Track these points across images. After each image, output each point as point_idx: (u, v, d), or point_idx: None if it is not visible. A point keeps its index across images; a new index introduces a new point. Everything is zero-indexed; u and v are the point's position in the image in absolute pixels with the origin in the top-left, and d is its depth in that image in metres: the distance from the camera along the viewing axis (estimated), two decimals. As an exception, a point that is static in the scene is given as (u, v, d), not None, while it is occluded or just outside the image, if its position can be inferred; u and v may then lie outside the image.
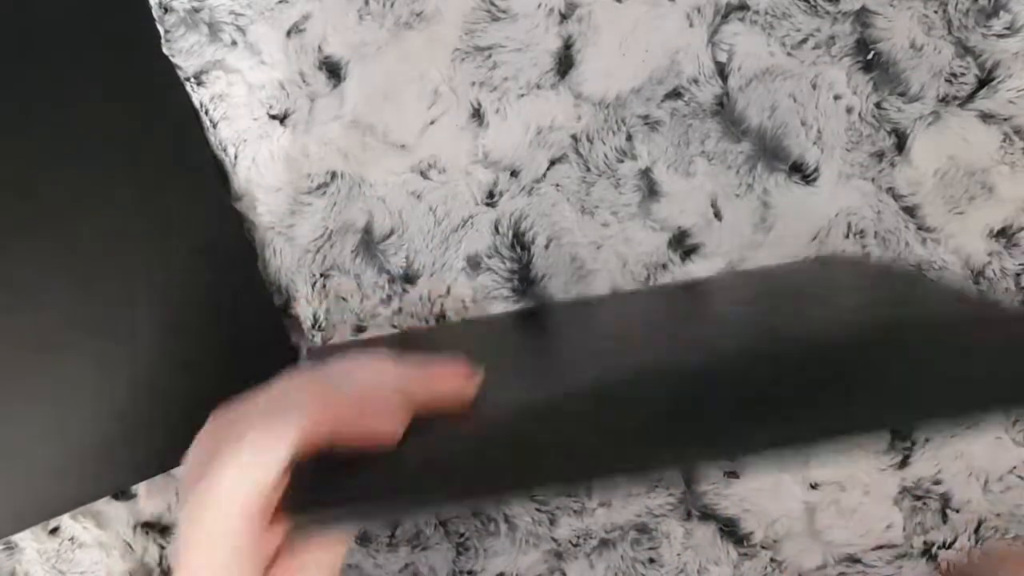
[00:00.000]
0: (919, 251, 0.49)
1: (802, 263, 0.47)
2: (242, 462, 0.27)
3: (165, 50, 0.49)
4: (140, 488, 0.51)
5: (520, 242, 0.50)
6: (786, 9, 0.48)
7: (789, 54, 0.48)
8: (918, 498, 0.50)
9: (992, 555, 0.49)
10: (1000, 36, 0.48)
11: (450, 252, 0.50)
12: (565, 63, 0.49)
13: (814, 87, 0.48)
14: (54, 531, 0.51)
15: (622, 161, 0.50)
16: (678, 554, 0.51)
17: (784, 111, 0.49)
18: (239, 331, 0.50)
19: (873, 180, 0.49)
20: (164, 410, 0.48)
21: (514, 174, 0.50)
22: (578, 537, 0.51)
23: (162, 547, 0.51)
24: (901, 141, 0.49)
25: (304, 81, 0.49)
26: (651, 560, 0.51)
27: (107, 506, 0.51)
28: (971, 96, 0.48)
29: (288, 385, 0.31)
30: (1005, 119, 0.48)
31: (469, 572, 0.51)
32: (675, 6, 0.48)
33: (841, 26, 0.48)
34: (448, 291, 0.50)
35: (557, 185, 0.50)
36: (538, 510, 0.51)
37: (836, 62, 0.48)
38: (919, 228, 0.49)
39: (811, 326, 0.35)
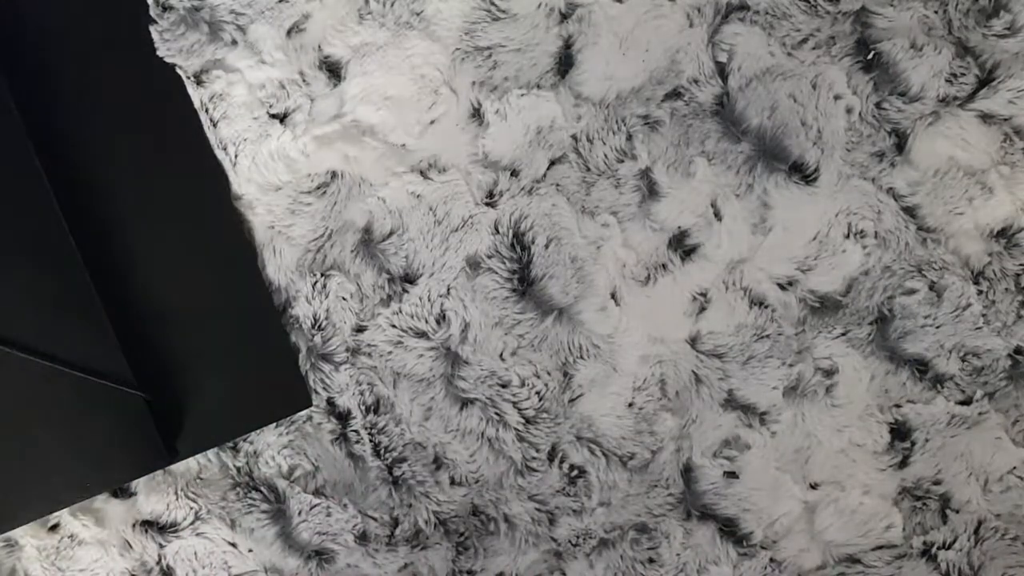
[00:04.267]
0: (919, 251, 0.49)
1: None
2: None
3: (160, 52, 0.49)
4: (139, 486, 0.51)
5: (520, 242, 0.50)
6: (786, 9, 0.48)
7: (789, 54, 0.48)
8: (918, 498, 0.50)
9: None
10: (1000, 36, 0.48)
11: (450, 252, 0.50)
12: (565, 63, 0.49)
13: (814, 87, 0.48)
14: (53, 528, 0.51)
15: (622, 161, 0.50)
16: (678, 554, 0.51)
17: (784, 111, 0.49)
18: (239, 331, 0.50)
19: (873, 180, 0.49)
20: (164, 408, 0.49)
21: (514, 174, 0.50)
22: (578, 537, 0.51)
23: (161, 545, 0.51)
24: (901, 141, 0.49)
25: (304, 81, 0.49)
26: (651, 560, 0.51)
27: (106, 504, 0.51)
28: (971, 96, 0.48)
29: None
30: (1005, 119, 0.48)
31: (469, 572, 0.51)
32: (675, 6, 0.49)
33: (841, 26, 0.48)
34: (448, 291, 0.50)
35: (557, 185, 0.50)
36: (538, 510, 0.51)
37: (836, 62, 0.48)
38: (919, 228, 0.49)
39: None
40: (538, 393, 0.50)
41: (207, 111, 0.50)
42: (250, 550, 0.52)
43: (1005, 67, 0.48)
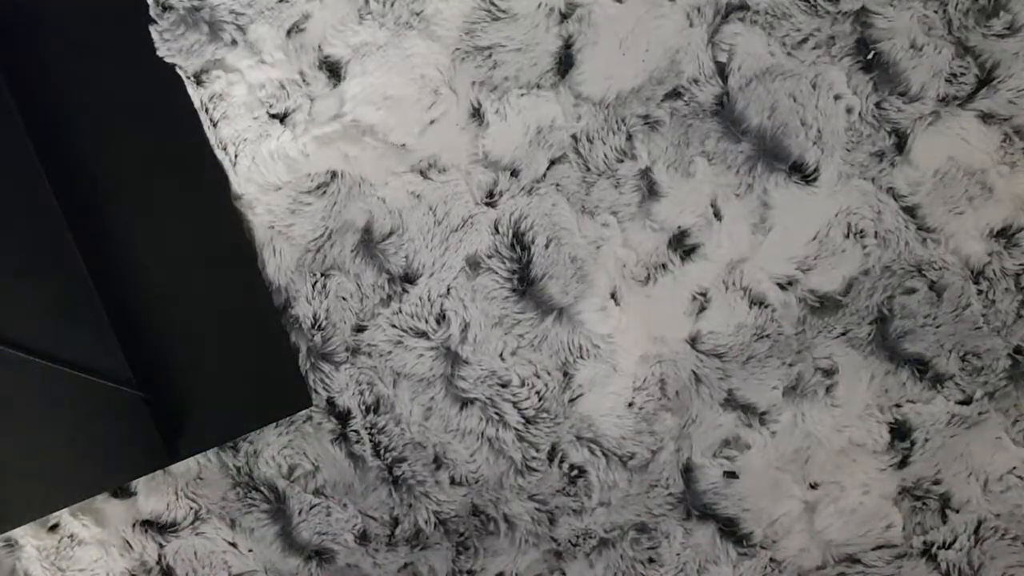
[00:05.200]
0: (919, 251, 0.49)
1: None
2: None
3: (160, 52, 0.49)
4: (139, 486, 0.51)
5: (520, 242, 0.50)
6: (786, 9, 0.48)
7: (789, 54, 0.48)
8: (918, 498, 0.50)
9: None
10: (1000, 36, 0.48)
11: (450, 252, 0.50)
12: (565, 63, 0.49)
13: (814, 87, 0.48)
14: (53, 528, 0.51)
15: (622, 161, 0.50)
16: (678, 554, 0.51)
17: (784, 111, 0.49)
18: (239, 331, 0.50)
19: (873, 180, 0.49)
20: (164, 408, 0.49)
21: (514, 174, 0.50)
22: (578, 537, 0.51)
23: (161, 545, 0.51)
24: (901, 141, 0.49)
25: (304, 81, 0.49)
26: (651, 560, 0.51)
27: (106, 504, 0.51)
28: (971, 96, 0.48)
29: None
30: (1005, 119, 0.48)
31: (469, 572, 0.51)
32: (675, 6, 0.49)
33: (841, 26, 0.48)
34: (448, 291, 0.50)
35: (557, 185, 0.50)
36: (538, 510, 0.51)
37: (836, 62, 0.48)
38: (919, 228, 0.49)
39: None
40: (538, 393, 0.50)
41: (207, 111, 0.50)
42: (250, 550, 0.52)
43: (1005, 67, 0.48)
